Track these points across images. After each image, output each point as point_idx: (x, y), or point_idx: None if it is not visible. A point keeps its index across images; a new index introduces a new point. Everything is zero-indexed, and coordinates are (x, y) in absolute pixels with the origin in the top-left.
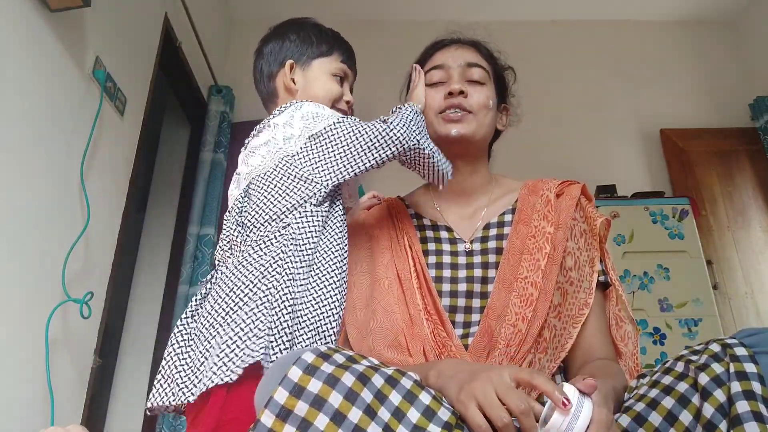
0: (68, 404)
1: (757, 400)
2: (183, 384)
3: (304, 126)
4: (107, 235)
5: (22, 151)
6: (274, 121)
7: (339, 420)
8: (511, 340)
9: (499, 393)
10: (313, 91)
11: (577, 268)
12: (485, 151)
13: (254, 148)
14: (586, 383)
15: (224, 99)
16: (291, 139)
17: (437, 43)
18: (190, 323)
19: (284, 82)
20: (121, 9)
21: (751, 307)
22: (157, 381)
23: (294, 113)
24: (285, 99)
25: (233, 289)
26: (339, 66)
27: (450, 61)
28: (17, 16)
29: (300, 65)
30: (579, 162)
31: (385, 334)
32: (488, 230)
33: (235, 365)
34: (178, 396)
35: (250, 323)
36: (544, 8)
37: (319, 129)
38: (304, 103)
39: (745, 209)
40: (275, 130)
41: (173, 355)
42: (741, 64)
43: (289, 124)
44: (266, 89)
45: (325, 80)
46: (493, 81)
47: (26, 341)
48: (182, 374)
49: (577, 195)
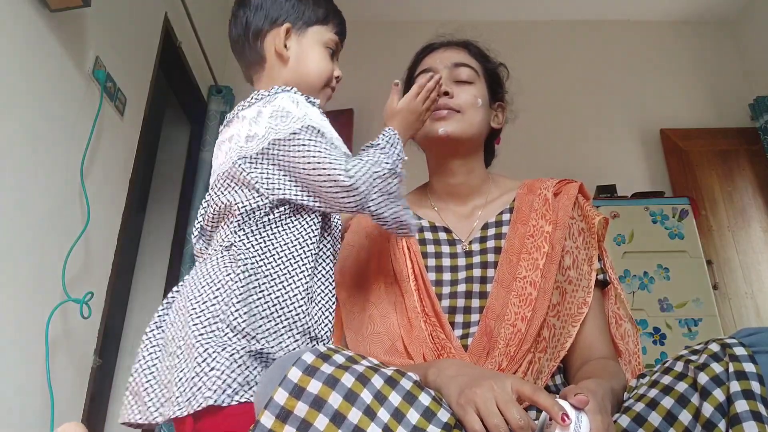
0: (68, 404)
1: (756, 400)
2: (150, 402)
3: (270, 127)
4: (107, 235)
5: (22, 151)
6: (243, 113)
7: (339, 421)
8: (510, 339)
9: (499, 403)
10: (305, 64)
11: (576, 266)
12: (480, 149)
13: (221, 142)
14: (578, 399)
15: (224, 99)
16: (253, 139)
17: (426, 47)
18: (157, 335)
19: (275, 46)
20: (121, 9)
21: (751, 307)
22: (125, 396)
23: (263, 108)
24: (273, 68)
25: (187, 306)
26: (332, 37)
27: (437, 64)
28: (17, 16)
29: (296, 29)
30: (579, 162)
31: (381, 340)
32: (486, 230)
33: (194, 398)
34: (145, 415)
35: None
36: (543, 8)
37: (282, 134)
38: (278, 95)
39: (745, 209)
40: (241, 124)
41: (140, 371)
42: (741, 64)
43: (255, 121)
44: (251, 51)
45: (318, 52)
46: (484, 79)
47: (26, 341)
48: (149, 390)
49: (574, 194)
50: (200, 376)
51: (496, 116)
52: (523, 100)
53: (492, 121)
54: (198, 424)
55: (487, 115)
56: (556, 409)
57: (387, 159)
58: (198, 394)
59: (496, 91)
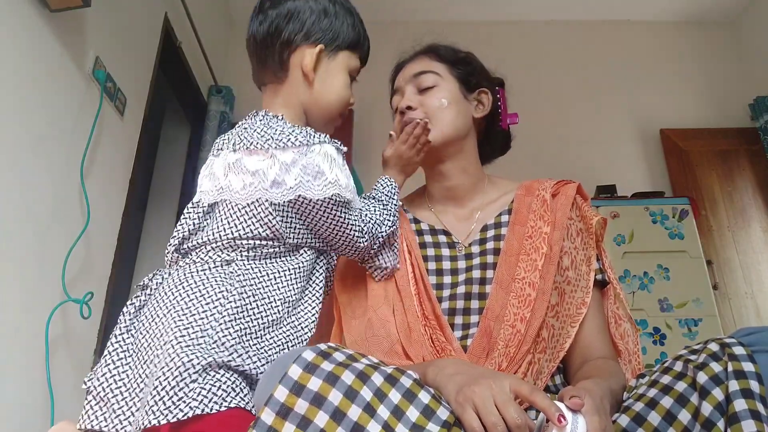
0: (68, 404)
1: (755, 399)
2: (120, 410)
3: (301, 181)
4: (107, 235)
5: (22, 152)
6: (274, 152)
7: (339, 418)
8: (509, 341)
9: (497, 402)
10: (329, 91)
11: (574, 267)
12: (468, 145)
13: (238, 167)
14: (573, 402)
15: (224, 99)
16: (281, 186)
17: (396, 67)
18: (127, 339)
19: (303, 66)
20: (121, 9)
21: (751, 307)
22: (87, 402)
23: (299, 158)
24: (294, 86)
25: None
26: (357, 65)
27: (401, 82)
28: (17, 16)
29: (327, 51)
30: (579, 162)
31: (380, 344)
32: (485, 232)
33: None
34: (113, 423)
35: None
36: (543, 8)
37: (310, 196)
38: (315, 147)
39: (745, 209)
40: (270, 163)
41: (109, 376)
42: (741, 64)
43: (286, 169)
44: (273, 60)
45: (342, 80)
46: (453, 75)
47: (26, 341)
48: (119, 398)
49: (572, 194)
50: (181, 387)
51: (478, 105)
52: (523, 100)
53: (474, 111)
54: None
55: (463, 109)
56: (553, 410)
57: (389, 217)
58: (180, 403)
59: (469, 81)
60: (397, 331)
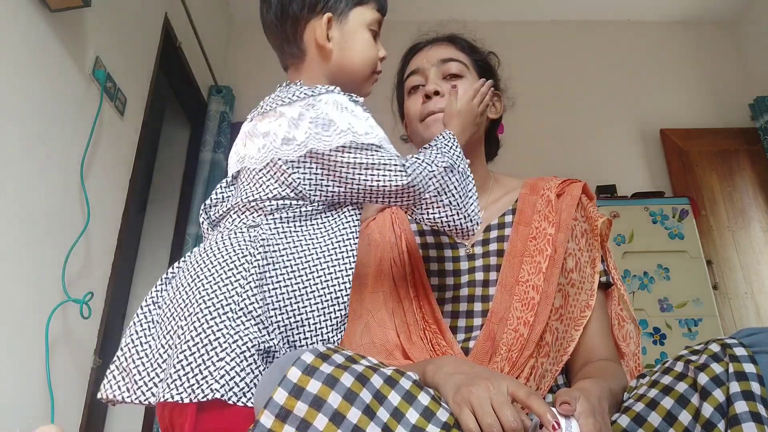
0: (68, 404)
1: (756, 401)
2: (142, 381)
3: (311, 134)
4: (107, 235)
5: (22, 151)
6: (281, 109)
7: (338, 420)
8: (512, 344)
9: (494, 403)
10: (350, 55)
11: (578, 269)
12: (479, 145)
13: (253, 134)
14: (564, 409)
15: (224, 99)
16: (291, 143)
17: (412, 47)
18: (153, 310)
19: (316, 38)
20: (121, 9)
21: (751, 307)
22: (110, 371)
23: (305, 111)
24: (314, 62)
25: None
26: (375, 16)
27: (425, 63)
28: (17, 16)
29: (337, 16)
30: (579, 162)
31: (378, 350)
32: (489, 232)
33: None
34: (136, 394)
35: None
36: (544, 8)
37: (325, 146)
38: (322, 96)
39: (745, 209)
40: (279, 121)
41: (132, 347)
42: (741, 64)
43: (295, 123)
44: (288, 42)
45: (363, 38)
46: (476, 71)
47: (26, 341)
48: (140, 369)
49: (578, 194)
50: (207, 365)
51: (492, 106)
52: (523, 100)
53: (489, 111)
54: (202, 414)
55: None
56: (549, 416)
57: (442, 157)
58: (203, 383)
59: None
60: (397, 334)
